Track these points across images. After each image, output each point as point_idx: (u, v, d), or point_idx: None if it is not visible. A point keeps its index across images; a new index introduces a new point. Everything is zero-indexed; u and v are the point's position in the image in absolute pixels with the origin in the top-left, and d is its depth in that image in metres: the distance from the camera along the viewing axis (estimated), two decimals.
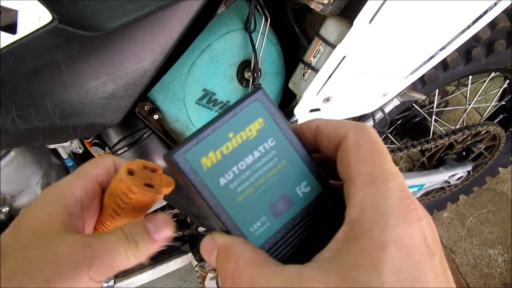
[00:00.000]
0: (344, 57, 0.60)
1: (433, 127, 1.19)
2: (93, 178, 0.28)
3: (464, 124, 1.16)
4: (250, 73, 0.67)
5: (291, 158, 0.26)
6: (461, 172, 1.22)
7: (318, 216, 0.26)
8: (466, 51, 0.92)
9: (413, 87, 0.87)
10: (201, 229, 0.88)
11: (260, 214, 0.25)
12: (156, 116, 0.64)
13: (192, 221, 0.90)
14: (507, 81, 1.21)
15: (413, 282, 0.20)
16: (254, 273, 0.21)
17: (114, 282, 0.91)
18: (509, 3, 0.62)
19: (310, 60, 0.65)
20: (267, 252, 0.25)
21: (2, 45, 0.43)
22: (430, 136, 1.13)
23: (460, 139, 1.17)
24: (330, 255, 0.21)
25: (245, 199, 0.25)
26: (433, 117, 1.19)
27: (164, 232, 0.27)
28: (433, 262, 0.21)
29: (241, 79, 0.67)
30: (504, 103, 1.30)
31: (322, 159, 0.28)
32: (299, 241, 0.26)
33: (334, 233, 0.23)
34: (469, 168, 1.24)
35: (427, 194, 1.33)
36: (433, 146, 1.08)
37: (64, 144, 0.70)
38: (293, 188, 0.26)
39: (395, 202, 0.21)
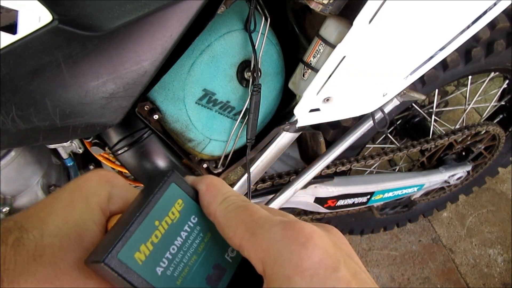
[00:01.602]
0: (344, 57, 0.60)
1: (433, 127, 1.19)
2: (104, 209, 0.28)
3: (464, 124, 1.16)
4: (250, 73, 0.67)
5: (214, 229, 0.27)
6: (460, 172, 1.22)
7: (249, 273, 0.26)
8: (465, 51, 0.92)
9: (413, 87, 0.87)
10: None
11: None
12: (156, 116, 0.64)
13: None
14: (507, 81, 1.21)
15: None
16: None
17: None
18: (509, 3, 0.62)
19: (310, 60, 0.65)
20: None
21: (2, 45, 0.43)
22: (430, 136, 1.13)
23: (460, 139, 1.17)
24: None
25: (184, 280, 0.26)
26: (433, 117, 1.19)
27: None
28: (341, 272, 0.21)
29: (241, 79, 0.67)
30: (503, 103, 1.30)
31: None
32: None
33: None
34: (469, 168, 1.24)
35: (427, 194, 1.33)
36: (433, 146, 1.08)
37: (64, 144, 0.70)
38: (222, 256, 0.27)
39: (279, 236, 0.21)
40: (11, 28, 0.43)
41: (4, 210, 0.70)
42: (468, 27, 0.64)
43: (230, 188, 0.27)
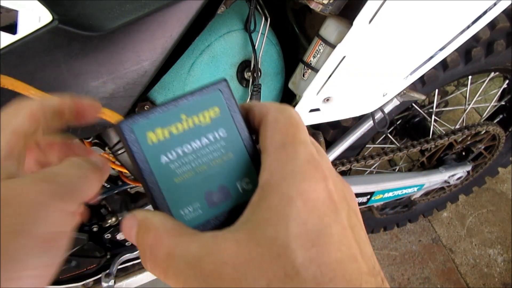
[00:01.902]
0: (344, 57, 0.60)
1: (433, 127, 1.19)
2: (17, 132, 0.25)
3: (464, 124, 1.16)
4: (250, 73, 0.67)
5: (239, 153, 0.26)
6: (460, 172, 1.22)
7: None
8: (465, 51, 0.92)
9: (413, 87, 0.87)
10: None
11: (194, 200, 0.25)
12: None
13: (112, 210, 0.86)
14: (507, 81, 1.21)
15: (318, 233, 0.20)
16: (172, 242, 0.22)
17: (114, 282, 0.91)
18: (508, 3, 0.62)
19: (310, 60, 0.65)
20: None
21: (2, 45, 0.43)
22: (430, 136, 1.13)
23: (460, 139, 1.17)
24: (245, 218, 0.22)
25: (183, 181, 0.25)
26: (433, 117, 1.19)
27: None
28: (339, 216, 0.21)
29: (241, 79, 0.67)
30: (503, 103, 1.30)
31: None
32: None
33: None
34: (469, 168, 1.24)
35: (427, 194, 1.33)
36: (433, 146, 1.08)
37: None
38: (233, 182, 0.26)
39: (302, 161, 0.22)
40: (11, 28, 0.43)
41: None
42: (468, 27, 0.64)
43: None
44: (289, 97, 0.77)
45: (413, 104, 1.15)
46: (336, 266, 0.20)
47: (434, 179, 1.18)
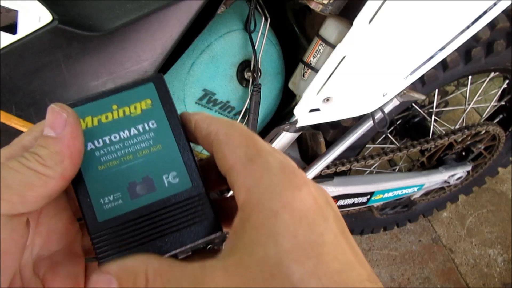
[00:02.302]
0: (344, 57, 0.60)
1: (433, 127, 1.19)
2: (26, 145, 0.24)
3: (464, 124, 1.16)
4: (250, 73, 0.67)
5: (168, 145, 0.26)
6: (460, 172, 1.22)
7: (179, 210, 0.25)
8: (465, 51, 0.92)
9: (412, 87, 0.87)
10: None
11: (115, 189, 0.24)
12: None
13: None
14: (507, 81, 1.21)
15: (311, 244, 0.19)
16: (164, 280, 0.20)
17: None
18: (509, 3, 0.62)
19: (310, 60, 0.65)
20: (111, 229, 0.24)
21: (2, 45, 0.43)
22: (430, 136, 1.13)
23: (460, 139, 1.17)
24: (230, 243, 0.20)
25: (106, 169, 0.25)
26: (433, 117, 1.19)
27: (60, 119, 0.22)
28: (329, 223, 0.20)
29: (241, 79, 0.67)
30: (503, 103, 1.30)
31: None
32: (155, 230, 0.24)
33: (196, 231, 0.24)
34: (469, 168, 1.24)
35: (426, 194, 1.33)
36: (433, 146, 1.08)
37: None
38: (159, 174, 0.25)
39: (276, 171, 0.20)
40: (11, 28, 0.43)
41: None
42: (468, 27, 0.64)
43: None
44: (289, 97, 0.77)
45: (413, 104, 1.15)
46: (337, 276, 0.18)
47: (434, 179, 1.18)
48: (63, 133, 0.22)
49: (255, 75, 0.66)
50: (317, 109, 0.68)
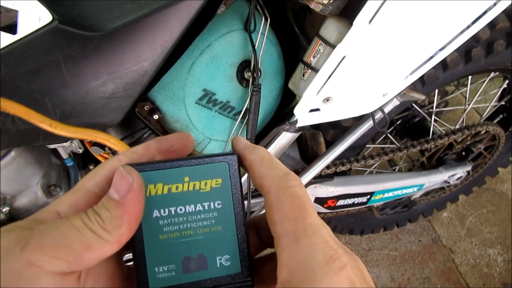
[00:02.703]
0: (344, 57, 0.60)
1: (433, 127, 1.19)
2: (89, 191, 0.24)
3: (464, 124, 1.16)
4: (250, 73, 0.67)
5: (227, 228, 0.26)
6: (460, 172, 1.22)
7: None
8: (465, 51, 0.92)
9: (412, 87, 0.87)
10: None
11: (171, 261, 0.25)
12: (156, 116, 0.64)
13: None
14: (507, 81, 1.21)
15: None
16: None
17: None
18: (508, 3, 0.62)
19: (310, 60, 0.65)
20: None
21: (2, 45, 0.43)
22: (430, 136, 1.13)
23: (460, 139, 1.17)
24: None
25: (166, 240, 0.25)
26: (433, 117, 1.19)
27: (125, 184, 0.23)
28: None
29: (241, 79, 0.67)
30: (503, 103, 1.30)
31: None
32: None
33: None
34: (469, 168, 1.24)
35: (426, 194, 1.33)
36: (433, 146, 1.08)
37: (64, 144, 0.70)
38: (214, 255, 0.26)
39: (318, 256, 0.22)
40: (11, 28, 0.43)
41: (4, 210, 0.70)
42: (468, 27, 0.64)
43: (283, 165, 0.26)
44: (289, 97, 0.77)
45: (413, 104, 1.15)
46: None
47: (434, 179, 1.18)
48: (125, 198, 0.23)
49: (255, 75, 0.66)
50: (317, 109, 0.68)
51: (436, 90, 1.14)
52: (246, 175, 0.76)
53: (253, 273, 0.27)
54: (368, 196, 1.09)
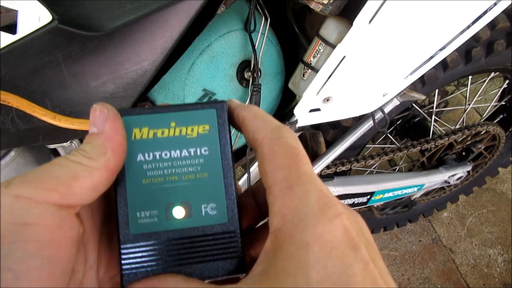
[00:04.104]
0: (344, 57, 0.60)
1: (433, 127, 1.19)
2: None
3: (464, 124, 1.16)
4: (250, 73, 0.67)
5: (214, 175, 0.25)
6: (460, 172, 1.22)
7: (209, 242, 0.25)
8: (466, 51, 0.92)
9: (413, 87, 0.87)
10: None
11: (153, 206, 0.24)
12: None
13: None
14: (507, 81, 1.21)
15: (340, 275, 0.19)
16: None
17: None
18: (509, 3, 0.62)
19: (310, 60, 0.65)
20: (141, 244, 0.24)
21: (2, 45, 0.43)
22: (430, 136, 1.13)
23: (460, 139, 1.17)
24: (260, 268, 0.21)
25: (149, 185, 0.25)
26: (433, 117, 1.19)
27: (100, 116, 0.23)
28: (360, 253, 0.20)
29: (241, 79, 0.67)
30: (503, 103, 1.30)
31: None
32: (182, 257, 0.24)
33: (225, 265, 0.24)
34: (469, 168, 1.24)
35: (427, 194, 1.33)
36: (433, 146, 1.08)
37: (64, 144, 0.70)
38: (199, 202, 0.25)
39: (312, 203, 0.21)
40: (11, 28, 0.43)
41: None
42: (468, 27, 0.64)
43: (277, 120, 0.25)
44: (289, 97, 0.77)
45: (413, 104, 1.15)
46: None
47: (434, 179, 1.18)
48: (104, 128, 0.23)
49: (255, 75, 0.66)
50: (317, 109, 0.68)
51: (436, 90, 1.14)
52: (245, 176, 0.76)
53: (241, 226, 0.25)
54: (368, 196, 1.09)
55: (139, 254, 0.24)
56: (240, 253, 0.25)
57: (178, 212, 0.25)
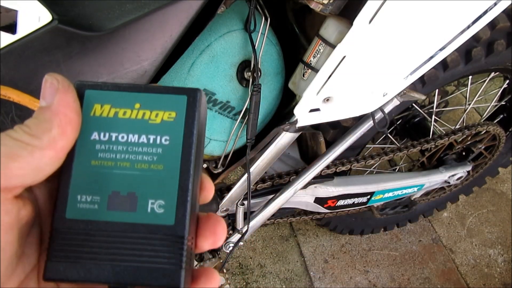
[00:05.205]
0: (344, 57, 0.60)
1: (433, 127, 1.19)
2: None
3: (464, 124, 1.16)
4: (250, 73, 0.67)
5: (170, 170, 0.23)
6: (461, 172, 1.21)
7: (149, 244, 0.22)
8: (466, 51, 0.92)
9: (413, 87, 0.87)
10: None
11: (97, 191, 0.22)
12: None
13: None
14: (507, 81, 1.21)
15: None
16: None
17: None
18: (509, 3, 0.62)
19: (310, 60, 0.65)
20: (74, 230, 0.22)
21: (2, 45, 0.43)
22: (430, 136, 1.13)
23: (460, 139, 1.17)
24: None
25: (98, 167, 0.22)
26: (433, 117, 1.19)
27: (50, 88, 0.21)
28: None
29: (241, 79, 0.67)
30: (504, 103, 1.30)
31: None
32: (116, 252, 0.22)
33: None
34: (469, 168, 1.24)
35: (427, 194, 1.32)
36: (433, 146, 1.08)
37: None
38: (146, 196, 0.22)
39: None
40: (11, 28, 0.43)
41: None
42: (468, 27, 0.64)
43: None
44: (289, 97, 0.77)
45: (413, 104, 1.15)
46: None
47: (434, 179, 1.18)
48: (52, 101, 0.21)
49: (255, 75, 0.66)
50: (317, 109, 0.67)
51: (436, 90, 1.14)
52: (245, 176, 0.76)
53: (190, 233, 0.22)
54: (368, 196, 1.09)
55: (70, 242, 0.22)
56: (179, 264, 0.22)
57: (122, 203, 0.22)
